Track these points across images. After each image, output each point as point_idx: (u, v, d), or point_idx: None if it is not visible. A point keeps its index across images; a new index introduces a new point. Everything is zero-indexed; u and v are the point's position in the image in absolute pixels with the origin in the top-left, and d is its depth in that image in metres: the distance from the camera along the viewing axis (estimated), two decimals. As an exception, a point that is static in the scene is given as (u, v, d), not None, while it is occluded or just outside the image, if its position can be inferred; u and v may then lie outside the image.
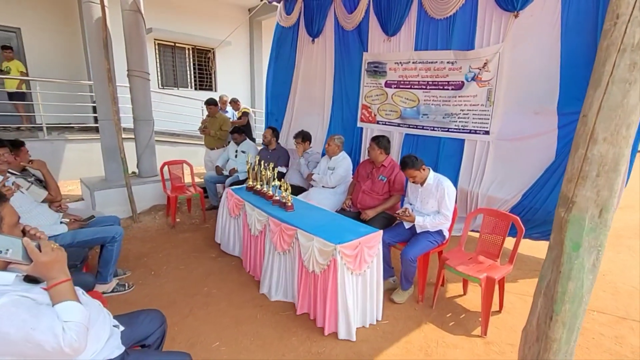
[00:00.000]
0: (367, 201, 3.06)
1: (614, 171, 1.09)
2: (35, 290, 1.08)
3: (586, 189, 1.13)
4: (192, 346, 2.11)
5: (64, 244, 2.39)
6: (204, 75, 8.45)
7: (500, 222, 2.55)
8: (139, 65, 4.31)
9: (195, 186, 4.41)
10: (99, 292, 2.14)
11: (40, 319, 0.99)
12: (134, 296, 2.65)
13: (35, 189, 2.61)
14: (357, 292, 2.19)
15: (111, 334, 1.27)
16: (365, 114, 4.77)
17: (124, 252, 3.40)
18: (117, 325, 1.37)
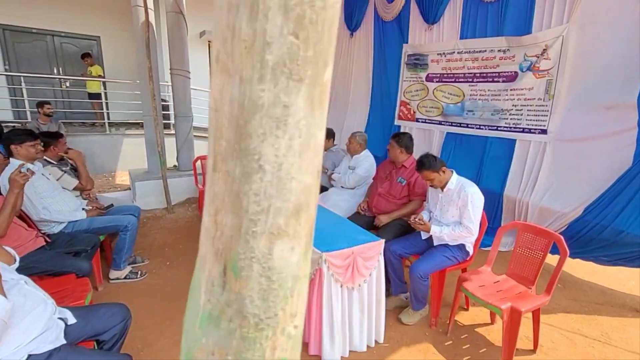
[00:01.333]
0: (382, 205, 2.74)
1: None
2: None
3: None
4: (175, 345, 2.07)
5: (80, 229, 2.55)
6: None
7: (538, 241, 2.06)
8: (180, 64, 4.53)
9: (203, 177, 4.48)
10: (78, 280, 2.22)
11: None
12: (142, 285, 2.73)
13: (67, 177, 2.84)
14: (349, 309, 1.92)
15: (48, 327, 1.24)
16: (403, 111, 4.38)
17: (149, 240, 3.59)
18: (65, 318, 1.35)
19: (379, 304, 2.04)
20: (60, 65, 7.44)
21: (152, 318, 2.31)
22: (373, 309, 2.02)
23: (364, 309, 1.98)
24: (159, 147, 4.18)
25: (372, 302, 2.00)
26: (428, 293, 2.28)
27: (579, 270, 3.07)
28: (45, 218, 2.39)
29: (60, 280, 1.95)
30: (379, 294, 2.03)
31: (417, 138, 4.29)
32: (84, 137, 5.71)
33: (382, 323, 2.08)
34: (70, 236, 2.41)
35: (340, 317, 1.87)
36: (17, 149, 2.40)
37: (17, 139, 2.41)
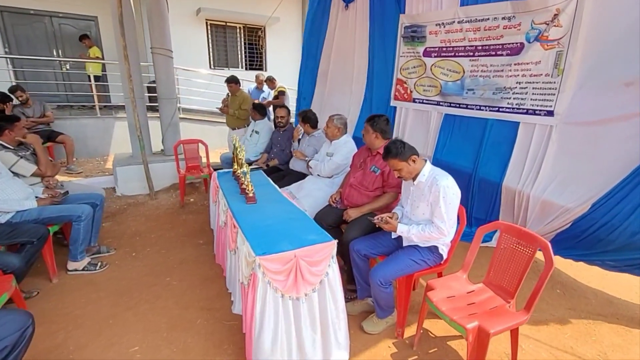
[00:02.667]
0: (354, 197, 2.44)
1: None
2: None
3: None
4: (110, 346, 1.91)
5: (30, 219, 2.41)
6: (254, 55, 8.35)
7: (522, 246, 1.71)
8: (160, 42, 4.28)
9: (210, 167, 4.29)
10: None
11: None
12: (99, 278, 2.59)
13: (23, 163, 2.69)
14: (295, 325, 1.65)
15: None
16: (399, 91, 3.98)
17: (122, 228, 3.47)
18: None
19: (337, 316, 1.76)
20: (60, 47, 7.37)
21: (96, 315, 2.16)
22: (329, 323, 1.72)
23: (315, 324, 1.70)
24: (137, 130, 4.00)
25: (328, 315, 1.71)
26: (393, 299, 2.00)
27: (585, 275, 2.68)
28: (-12, 208, 2.26)
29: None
30: (335, 304, 1.75)
31: (414, 120, 3.90)
32: (75, 120, 5.63)
33: (343, 338, 1.79)
34: (12, 227, 2.27)
35: (285, 335, 1.61)
36: None
37: None
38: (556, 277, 2.70)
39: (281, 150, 3.82)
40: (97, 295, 2.37)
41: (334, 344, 1.76)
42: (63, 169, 5.02)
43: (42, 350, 1.86)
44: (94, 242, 2.90)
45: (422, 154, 3.71)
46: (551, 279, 2.63)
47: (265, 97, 5.92)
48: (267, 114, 4.38)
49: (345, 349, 1.81)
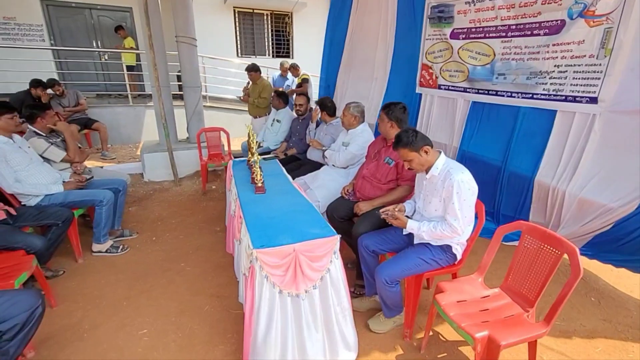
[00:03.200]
0: (367, 189, 2.33)
1: None
2: None
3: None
4: (122, 328, 1.98)
5: (56, 202, 2.55)
6: (281, 42, 8.27)
7: (545, 250, 1.54)
8: (184, 31, 4.32)
9: (231, 154, 4.33)
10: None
11: None
12: (120, 260, 2.71)
13: (54, 149, 2.84)
14: (296, 323, 1.60)
15: None
16: (425, 77, 3.74)
17: (147, 213, 3.60)
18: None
19: (343, 315, 1.69)
20: (99, 38, 7.73)
21: (112, 297, 2.26)
22: (333, 322, 1.66)
23: (317, 322, 1.63)
24: (162, 118, 4.10)
25: (331, 313, 1.65)
26: (401, 299, 1.89)
27: (626, 283, 2.41)
28: (17, 191, 2.41)
29: (7, 256, 1.93)
30: (339, 301, 1.68)
31: (439, 108, 3.67)
32: (110, 108, 5.92)
33: (351, 338, 1.73)
34: (39, 209, 2.41)
35: (280, 333, 1.56)
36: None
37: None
38: (592, 284, 2.44)
39: (299, 139, 3.76)
40: (116, 277, 2.48)
41: (341, 343, 1.70)
42: (98, 155, 5.32)
43: (60, 327, 1.98)
44: (118, 226, 3.04)
45: (448, 145, 3.55)
46: (585, 285, 2.39)
47: (289, 85, 5.85)
48: (289, 102, 4.30)
49: (353, 350, 1.75)
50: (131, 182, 4.41)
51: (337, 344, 1.69)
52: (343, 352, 1.71)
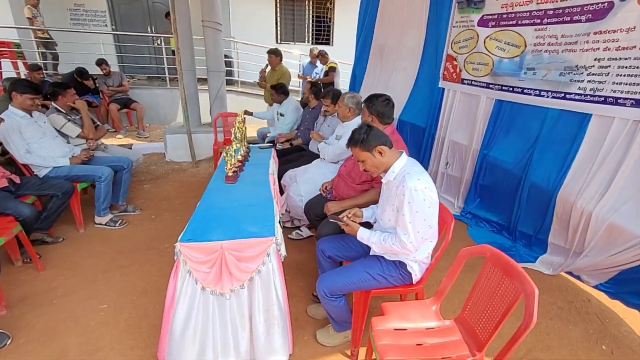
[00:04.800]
0: (341, 189, 2.14)
1: None
2: None
3: None
4: (87, 299, 2.08)
5: (61, 175, 2.76)
6: (321, 28, 8.06)
7: (506, 286, 1.25)
8: (210, 16, 4.38)
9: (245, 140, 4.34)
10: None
11: None
12: (115, 234, 2.87)
13: (70, 125, 3.07)
14: (220, 323, 1.52)
15: None
16: (449, 69, 3.36)
17: (157, 191, 3.78)
18: None
19: (273, 318, 1.58)
20: (153, 24, 8.25)
21: (93, 268, 2.39)
22: (261, 324, 1.56)
23: (244, 322, 1.54)
24: (183, 101, 4.24)
25: (260, 315, 1.55)
26: (349, 314, 1.72)
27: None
28: (27, 162, 2.65)
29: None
30: (270, 304, 1.57)
31: (461, 106, 3.28)
32: (149, 90, 6.31)
33: (280, 342, 1.61)
34: (42, 180, 2.62)
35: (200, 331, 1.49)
36: (16, 96, 2.63)
37: (20, 89, 2.63)
38: (610, 328, 2.01)
39: (306, 129, 3.62)
40: (103, 249, 2.63)
41: (266, 347, 1.60)
42: (134, 133, 5.73)
43: (38, 290, 2.14)
44: (122, 201, 3.21)
45: (467, 147, 3.15)
46: (602, 328, 1.99)
47: (317, 73, 5.70)
48: (288, 92, 4.12)
49: (281, 354, 1.63)
50: (153, 160, 4.69)
51: (264, 349, 1.59)
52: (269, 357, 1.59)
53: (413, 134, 3.78)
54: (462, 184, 3.23)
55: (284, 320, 1.62)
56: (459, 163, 3.26)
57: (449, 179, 3.44)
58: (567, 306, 2.21)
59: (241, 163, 2.47)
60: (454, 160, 3.33)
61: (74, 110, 3.21)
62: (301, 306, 2.10)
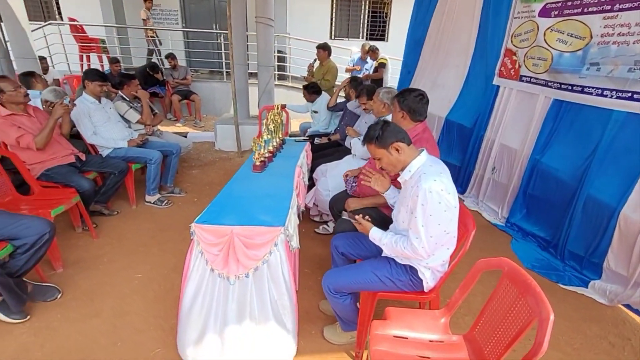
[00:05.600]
0: (365, 186, 2.07)
1: None
2: None
3: None
4: (126, 268, 2.32)
5: (119, 155, 3.09)
6: (376, 24, 7.86)
7: (521, 306, 1.12)
8: (263, 12, 4.54)
9: (287, 133, 4.46)
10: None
11: None
12: (160, 213, 3.14)
13: (132, 112, 3.43)
14: (212, 301, 1.57)
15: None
16: (507, 65, 3.09)
17: (203, 177, 4.05)
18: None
19: (277, 310, 1.60)
20: (218, 21, 8.80)
21: (135, 240, 2.65)
22: (269, 317, 1.59)
23: (245, 311, 1.57)
24: (233, 94, 4.47)
25: (267, 307, 1.58)
26: (355, 314, 1.67)
27: None
28: (93, 142, 3.02)
29: (60, 191, 2.46)
30: (276, 295, 1.59)
31: (516, 106, 3.01)
32: (208, 83, 6.75)
33: (284, 338, 1.63)
34: (103, 159, 2.97)
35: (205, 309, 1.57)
36: (88, 84, 3.02)
37: (91, 77, 3.02)
38: None
39: (345, 125, 3.59)
40: (148, 225, 2.90)
41: (272, 340, 1.62)
42: (192, 123, 6.20)
43: (89, 255, 2.44)
44: (170, 183, 3.50)
45: (518, 152, 2.87)
46: None
47: (367, 69, 5.60)
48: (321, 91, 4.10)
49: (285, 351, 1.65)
50: (204, 148, 5.03)
51: (268, 340, 1.62)
52: (273, 350, 1.62)
53: (460, 136, 3.53)
54: (509, 192, 2.94)
55: (294, 312, 1.63)
56: (507, 169, 2.98)
57: (494, 185, 3.16)
58: (621, 343, 1.91)
59: (271, 154, 2.54)
60: (502, 166, 3.04)
61: (136, 99, 3.57)
62: (315, 300, 2.10)
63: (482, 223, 3.14)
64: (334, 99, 3.82)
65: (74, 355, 1.65)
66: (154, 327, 1.85)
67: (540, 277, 2.40)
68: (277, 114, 2.77)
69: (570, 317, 2.07)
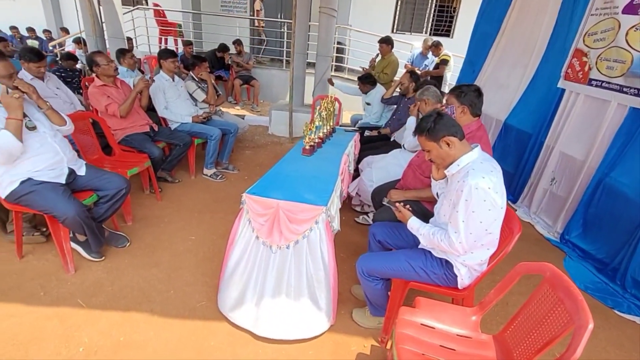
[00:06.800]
0: (409, 178, 2.11)
1: None
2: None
3: None
4: (181, 230, 2.59)
5: (185, 130, 3.41)
6: (443, 19, 7.51)
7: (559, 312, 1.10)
8: (327, 2, 4.61)
9: (338, 123, 4.53)
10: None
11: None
12: (214, 185, 3.43)
13: (199, 91, 3.74)
14: (254, 266, 1.71)
15: (51, 168, 1.90)
16: (574, 67, 2.87)
17: (254, 157, 4.31)
18: (75, 169, 2.03)
19: (319, 282, 1.70)
20: (283, 11, 9.06)
21: (192, 207, 2.94)
22: (303, 289, 1.70)
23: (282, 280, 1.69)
24: (290, 81, 4.65)
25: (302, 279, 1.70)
26: (384, 300, 1.72)
27: None
28: (164, 116, 3.37)
29: (135, 155, 2.80)
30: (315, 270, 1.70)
31: (583, 112, 2.80)
32: (268, 70, 7.03)
33: (316, 312, 1.73)
34: (171, 131, 3.30)
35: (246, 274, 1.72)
36: (163, 63, 3.37)
37: (165, 56, 3.38)
38: None
39: (397, 120, 3.57)
40: (203, 195, 3.18)
41: (305, 312, 1.71)
42: (249, 107, 6.53)
43: (153, 214, 2.76)
44: (226, 160, 3.78)
45: (581, 163, 2.66)
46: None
47: (427, 65, 5.44)
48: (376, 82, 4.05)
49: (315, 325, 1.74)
50: (258, 131, 5.30)
51: (301, 311, 1.73)
52: (304, 321, 1.73)
53: (517, 141, 3.34)
54: (567, 206, 2.74)
55: (329, 288, 1.73)
56: (568, 181, 2.77)
57: (551, 197, 2.96)
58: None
59: (321, 140, 2.64)
60: (562, 177, 2.83)
61: (203, 80, 3.88)
62: (347, 284, 2.18)
63: (534, 236, 2.97)
64: (391, 92, 3.80)
65: (137, 294, 1.92)
66: (201, 283, 2.07)
67: (593, 300, 2.24)
68: (331, 102, 2.86)
69: (622, 346, 1.92)
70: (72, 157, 2.07)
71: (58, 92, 2.97)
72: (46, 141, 1.92)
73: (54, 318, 1.72)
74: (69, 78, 4.19)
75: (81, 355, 1.54)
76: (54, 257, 2.12)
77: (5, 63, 1.80)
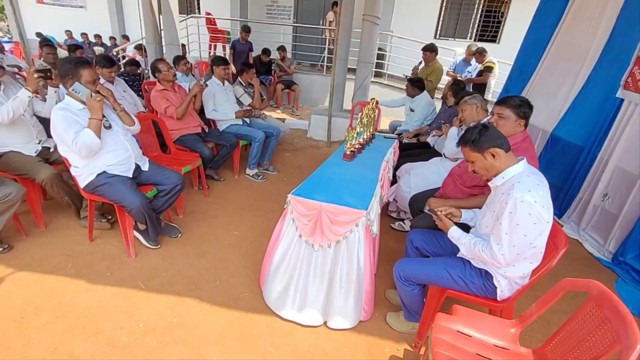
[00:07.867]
0: (449, 187, 2.11)
1: None
2: (83, 117, 2.05)
3: None
4: (226, 225, 2.77)
5: (232, 131, 3.63)
6: (489, 24, 7.25)
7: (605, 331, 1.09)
8: (371, 10, 4.68)
9: (376, 129, 4.57)
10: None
11: (71, 128, 1.96)
12: (255, 185, 3.61)
13: (245, 96, 3.96)
14: (297, 263, 1.82)
15: (122, 163, 2.15)
16: (635, 76, 2.72)
17: (293, 160, 4.47)
18: (140, 165, 2.26)
19: (347, 284, 1.79)
20: (322, 17, 9.24)
21: (236, 204, 3.13)
22: (336, 286, 1.80)
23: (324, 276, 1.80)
24: (331, 87, 4.76)
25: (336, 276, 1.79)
26: (420, 306, 1.75)
27: None
28: (211, 117, 3.61)
29: (188, 154, 3.04)
30: (349, 270, 1.78)
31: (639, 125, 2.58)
32: (307, 75, 7.21)
33: (342, 311, 1.82)
34: (219, 133, 3.53)
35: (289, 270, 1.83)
36: (215, 69, 3.63)
37: (217, 63, 3.63)
38: None
39: (437, 128, 3.55)
40: (246, 194, 3.37)
41: (339, 306, 1.82)
42: (290, 110, 6.74)
43: (201, 209, 2.98)
44: (267, 161, 3.96)
45: (632, 181, 2.48)
46: None
47: (470, 72, 5.31)
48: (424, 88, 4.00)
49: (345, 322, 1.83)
50: (297, 135, 5.46)
51: (333, 307, 1.82)
52: (336, 317, 1.82)
53: (565, 153, 3.19)
54: (620, 224, 2.58)
55: (360, 288, 1.80)
56: (622, 197, 2.61)
57: (602, 214, 2.80)
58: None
59: (361, 146, 2.71)
60: (616, 193, 2.67)
61: (250, 85, 4.11)
62: (382, 288, 2.23)
63: (582, 254, 2.82)
64: None
65: (187, 281, 2.10)
66: (244, 275, 2.21)
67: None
68: (372, 109, 2.92)
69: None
70: (139, 154, 2.32)
71: (125, 95, 3.30)
72: (119, 139, 2.17)
73: (118, 296, 1.94)
74: (131, 82, 4.60)
75: (142, 331, 1.73)
76: (118, 242, 2.37)
77: (91, 70, 2.06)
